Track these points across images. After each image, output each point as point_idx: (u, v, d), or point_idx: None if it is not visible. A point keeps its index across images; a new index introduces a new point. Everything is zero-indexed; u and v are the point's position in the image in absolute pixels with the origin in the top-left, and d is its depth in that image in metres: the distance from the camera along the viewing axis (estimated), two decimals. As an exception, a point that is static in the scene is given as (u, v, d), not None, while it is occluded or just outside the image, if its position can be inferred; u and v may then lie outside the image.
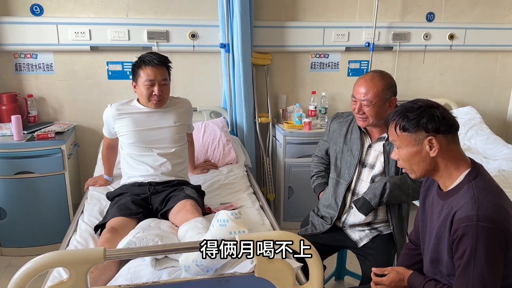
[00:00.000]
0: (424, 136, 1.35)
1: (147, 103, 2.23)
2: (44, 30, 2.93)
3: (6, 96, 2.89)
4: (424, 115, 1.34)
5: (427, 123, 1.34)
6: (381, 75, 1.90)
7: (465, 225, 1.27)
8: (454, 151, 1.37)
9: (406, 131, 1.37)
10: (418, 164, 1.39)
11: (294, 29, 3.27)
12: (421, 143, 1.36)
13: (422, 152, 1.36)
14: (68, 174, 2.82)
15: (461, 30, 3.52)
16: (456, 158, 1.37)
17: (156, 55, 2.21)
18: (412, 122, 1.35)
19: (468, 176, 1.35)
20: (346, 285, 2.60)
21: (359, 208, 1.95)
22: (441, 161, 1.37)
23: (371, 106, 1.87)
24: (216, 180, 2.61)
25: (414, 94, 3.62)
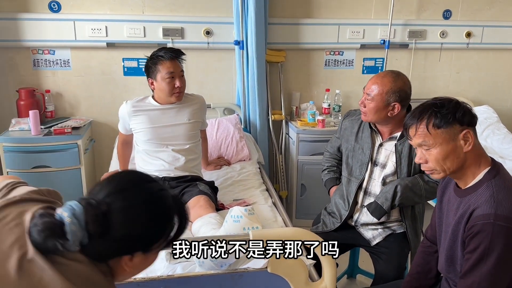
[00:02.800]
0: (458, 130, 1.32)
1: (169, 97, 2.24)
2: (62, 27, 2.98)
3: (24, 91, 2.94)
4: (457, 108, 1.32)
5: (463, 116, 1.31)
6: (395, 77, 1.87)
7: (482, 223, 1.25)
8: (479, 146, 1.36)
9: (441, 128, 1.33)
10: (452, 162, 1.35)
11: (308, 26, 3.26)
12: (455, 137, 1.33)
13: (457, 148, 1.33)
14: (84, 168, 2.87)
15: (479, 28, 3.47)
16: (480, 154, 1.36)
17: (170, 49, 2.25)
18: (447, 116, 1.32)
19: (488, 174, 1.34)
20: (358, 284, 2.60)
21: (371, 212, 1.95)
22: (470, 156, 1.35)
23: (372, 102, 1.87)
24: (229, 176, 2.63)
25: (429, 92, 3.58)
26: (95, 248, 0.90)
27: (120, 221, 0.91)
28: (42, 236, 0.86)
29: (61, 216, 0.88)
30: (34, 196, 1.00)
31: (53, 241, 0.86)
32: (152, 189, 0.98)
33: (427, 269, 1.63)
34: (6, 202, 0.96)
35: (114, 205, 0.91)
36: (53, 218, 0.88)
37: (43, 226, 0.86)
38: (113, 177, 0.98)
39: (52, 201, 1.03)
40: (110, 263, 0.95)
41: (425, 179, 1.90)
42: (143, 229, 0.95)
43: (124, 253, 0.94)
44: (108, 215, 0.90)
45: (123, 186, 0.96)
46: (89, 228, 0.88)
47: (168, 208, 0.98)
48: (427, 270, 1.63)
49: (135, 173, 1.02)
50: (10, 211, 0.94)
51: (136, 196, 0.95)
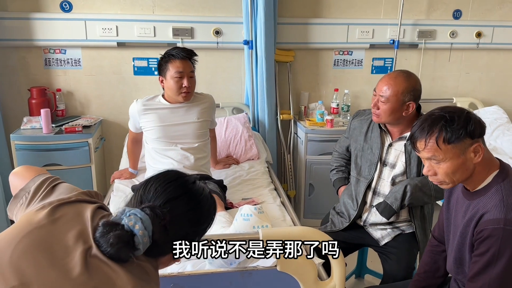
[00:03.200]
0: (469, 144, 1.29)
1: (177, 96, 2.26)
2: (73, 26, 3.01)
3: (36, 90, 2.97)
4: (468, 121, 1.28)
5: (474, 129, 1.28)
6: (407, 77, 1.87)
7: (491, 228, 1.25)
8: (487, 151, 1.35)
9: (452, 143, 1.28)
10: (462, 174, 1.33)
11: (318, 26, 3.26)
12: (466, 151, 1.30)
13: (467, 161, 1.31)
14: (94, 167, 2.90)
15: (489, 28, 3.45)
16: (488, 160, 1.35)
17: (183, 48, 2.26)
18: (459, 132, 1.27)
19: (497, 177, 1.33)
20: (366, 284, 2.60)
21: (381, 212, 1.95)
22: (479, 165, 1.33)
23: (387, 103, 1.86)
24: (237, 175, 2.64)
25: (439, 92, 3.57)
26: (153, 250, 0.99)
27: (178, 226, 1.01)
28: (115, 248, 0.92)
29: (131, 227, 0.94)
30: (85, 198, 1.06)
31: (126, 252, 0.94)
32: (199, 192, 1.08)
33: (435, 268, 1.63)
34: (63, 201, 1.02)
35: (173, 213, 1.00)
36: (122, 230, 0.94)
37: (116, 239, 0.92)
38: (164, 181, 1.05)
39: (100, 203, 1.09)
40: (159, 259, 1.05)
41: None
42: (195, 230, 1.07)
43: (173, 250, 1.05)
44: (171, 223, 0.98)
45: (177, 193, 1.04)
46: (155, 236, 0.96)
47: (213, 208, 1.11)
48: (435, 269, 1.63)
49: (181, 177, 1.09)
50: (68, 209, 1.01)
51: (189, 202, 1.05)
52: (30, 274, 0.88)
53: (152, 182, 1.06)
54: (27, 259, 0.90)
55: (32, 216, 0.99)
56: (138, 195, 1.05)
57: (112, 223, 0.95)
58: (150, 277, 1.00)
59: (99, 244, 0.93)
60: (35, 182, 1.11)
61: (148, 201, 1.02)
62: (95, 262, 0.92)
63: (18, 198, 1.09)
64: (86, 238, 0.95)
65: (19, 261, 0.89)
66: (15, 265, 0.89)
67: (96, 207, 1.04)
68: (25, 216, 1.01)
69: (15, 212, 1.09)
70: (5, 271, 0.88)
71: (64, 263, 0.91)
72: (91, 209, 1.02)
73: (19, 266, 0.89)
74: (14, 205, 1.10)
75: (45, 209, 0.99)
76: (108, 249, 0.92)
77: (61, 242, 0.94)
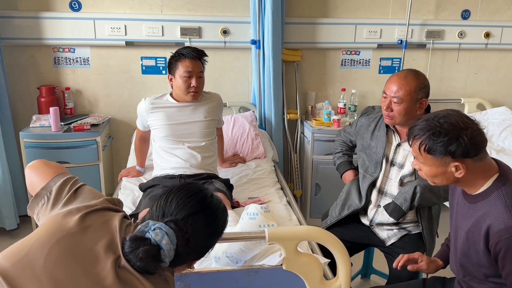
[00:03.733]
0: (450, 161, 1.28)
1: (185, 95, 2.28)
2: (82, 25, 3.03)
3: (45, 88, 3.00)
4: (452, 141, 1.25)
5: (455, 151, 1.26)
6: (416, 74, 1.87)
7: (505, 237, 1.23)
8: (482, 166, 1.31)
9: (432, 154, 1.30)
10: (441, 180, 1.35)
11: (325, 26, 3.26)
12: (446, 165, 1.30)
13: (447, 173, 1.31)
14: (102, 165, 2.92)
15: (498, 28, 3.43)
16: (483, 171, 1.32)
17: (193, 48, 2.27)
18: (439, 148, 1.27)
19: (497, 182, 1.31)
20: (372, 284, 2.60)
21: (390, 213, 1.94)
22: (467, 177, 1.32)
23: (401, 104, 1.86)
24: (244, 174, 2.65)
25: (446, 93, 3.56)
26: (175, 261, 1.04)
27: (198, 239, 1.07)
28: (144, 262, 0.97)
29: (157, 241, 0.99)
30: (110, 206, 1.11)
31: (154, 265, 0.99)
32: (216, 206, 1.13)
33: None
34: (90, 209, 1.06)
35: (195, 226, 1.05)
36: (150, 245, 0.98)
37: (145, 254, 0.97)
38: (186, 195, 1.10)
39: (123, 211, 1.14)
40: (177, 267, 1.10)
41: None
42: (212, 241, 1.15)
43: (191, 260, 1.13)
44: (192, 236, 1.03)
45: (198, 207, 1.09)
46: (179, 249, 1.01)
47: (226, 220, 1.16)
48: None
49: (201, 191, 1.14)
50: (96, 218, 1.05)
51: (208, 217, 1.10)
52: (65, 281, 0.92)
53: (173, 195, 1.10)
54: (62, 266, 0.94)
55: (61, 221, 1.02)
56: (160, 207, 1.09)
57: (140, 237, 1.00)
58: (169, 285, 1.05)
59: (129, 258, 0.98)
60: (56, 182, 1.13)
61: (170, 214, 1.06)
62: (125, 273, 0.97)
63: (40, 198, 1.11)
64: (115, 248, 1.00)
65: (53, 268, 0.93)
66: (50, 271, 0.92)
67: (122, 216, 1.09)
68: (53, 220, 1.03)
69: (37, 212, 1.11)
70: (41, 277, 0.91)
71: (97, 272, 0.95)
72: (118, 218, 1.07)
73: (53, 273, 0.92)
74: (35, 203, 1.12)
75: (73, 216, 1.03)
76: (138, 263, 0.97)
77: (92, 251, 0.98)
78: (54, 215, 1.05)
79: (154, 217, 1.08)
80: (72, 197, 1.11)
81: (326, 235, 1.41)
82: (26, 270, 0.92)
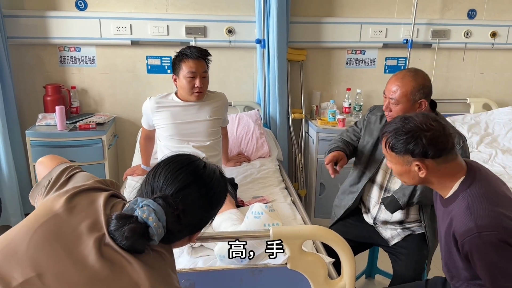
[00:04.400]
0: (411, 159, 1.34)
1: (189, 95, 2.28)
2: (88, 25, 3.05)
3: (51, 87, 3.02)
4: (411, 140, 1.32)
5: (413, 149, 1.32)
6: (414, 75, 1.85)
7: (468, 239, 1.25)
8: (447, 168, 1.35)
9: (394, 152, 1.37)
10: (409, 179, 1.41)
11: (330, 25, 3.26)
12: (409, 164, 1.36)
13: (411, 172, 1.37)
14: (107, 163, 2.94)
15: (504, 28, 3.41)
16: (449, 174, 1.36)
17: (197, 48, 2.27)
18: (400, 145, 1.34)
19: (463, 184, 1.34)
20: (376, 284, 2.59)
21: (386, 205, 1.94)
22: (432, 178, 1.37)
23: (398, 105, 1.85)
24: (248, 173, 2.65)
25: (452, 93, 3.54)
26: (168, 238, 0.99)
27: (192, 213, 1.01)
28: (131, 241, 0.93)
29: (144, 219, 0.94)
30: (99, 186, 1.08)
31: (142, 244, 0.95)
32: (210, 176, 1.07)
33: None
34: (77, 189, 1.03)
35: (186, 200, 1.00)
36: (136, 223, 0.94)
37: (130, 232, 0.93)
38: (174, 168, 1.04)
39: (114, 190, 1.10)
40: (174, 243, 1.06)
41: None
42: (208, 214, 1.07)
43: (187, 235, 1.07)
44: (184, 211, 0.98)
45: (188, 180, 1.03)
46: (169, 226, 0.96)
47: (224, 189, 1.10)
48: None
49: (191, 163, 1.08)
50: (82, 198, 1.02)
51: (201, 188, 1.04)
52: (47, 264, 0.90)
53: (161, 169, 1.05)
54: (44, 249, 0.92)
55: (49, 205, 1.00)
56: (148, 183, 1.04)
57: (126, 215, 0.95)
58: (166, 262, 1.00)
59: (114, 237, 0.94)
60: (57, 171, 1.14)
61: (159, 189, 1.01)
62: (109, 251, 0.93)
63: (40, 186, 1.12)
64: (100, 227, 0.96)
65: (35, 252, 0.91)
66: (32, 255, 0.90)
67: (109, 195, 1.05)
68: (42, 205, 1.03)
69: (36, 200, 1.12)
70: (23, 262, 0.90)
71: (79, 251, 0.92)
72: (104, 197, 1.03)
73: (35, 256, 0.90)
74: (36, 192, 1.13)
75: (61, 198, 1.01)
76: (124, 242, 0.93)
77: (75, 231, 0.95)
78: (45, 200, 1.05)
79: (144, 193, 1.04)
80: (65, 182, 1.10)
81: (331, 234, 1.41)
82: (9, 257, 0.90)
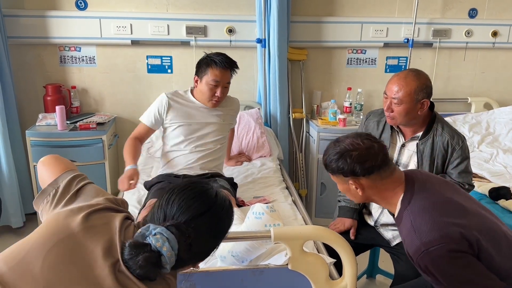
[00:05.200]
0: (344, 178, 1.38)
1: (206, 102, 2.26)
2: (88, 24, 3.04)
3: (51, 87, 3.01)
4: (339, 161, 1.36)
5: (343, 168, 1.36)
6: (416, 75, 1.85)
7: (419, 258, 1.25)
8: (384, 185, 1.37)
9: (330, 172, 1.42)
10: (352, 197, 1.44)
11: (331, 25, 3.25)
12: (346, 183, 1.39)
13: (351, 190, 1.40)
14: (108, 163, 2.93)
15: (505, 27, 3.40)
16: (388, 190, 1.38)
17: (227, 57, 2.24)
18: (333, 165, 1.38)
19: (403, 202, 1.35)
20: (377, 284, 2.59)
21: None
22: (373, 196, 1.39)
23: (401, 105, 1.84)
24: (249, 173, 2.65)
25: (453, 92, 3.53)
26: (177, 265, 1.00)
27: (203, 241, 1.03)
28: (144, 270, 0.94)
29: (158, 248, 0.95)
30: (112, 206, 1.08)
31: (154, 272, 0.96)
32: (222, 205, 1.09)
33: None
34: (92, 208, 1.03)
35: (198, 230, 1.01)
36: (150, 252, 0.95)
37: (145, 262, 0.93)
38: (188, 196, 1.05)
39: (126, 212, 1.11)
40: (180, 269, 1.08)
41: (447, 179, 1.88)
42: (218, 242, 1.09)
43: (195, 262, 1.10)
44: (195, 240, 1.00)
45: (202, 209, 1.04)
46: (180, 254, 0.97)
47: (232, 215, 1.12)
48: None
49: (204, 192, 1.09)
50: (97, 219, 1.02)
51: (213, 218, 1.05)
52: (62, 284, 0.90)
53: (175, 195, 1.05)
54: (60, 271, 0.91)
55: (62, 222, 0.99)
56: (161, 209, 1.04)
57: (139, 244, 0.96)
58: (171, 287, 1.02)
59: (128, 265, 0.95)
60: (64, 180, 1.12)
61: (172, 217, 1.01)
62: (124, 278, 0.94)
63: (45, 194, 1.10)
64: (114, 252, 0.96)
65: (50, 273, 0.91)
66: (47, 276, 0.90)
67: (124, 217, 1.05)
68: (53, 219, 1.01)
69: (41, 208, 1.10)
70: (38, 281, 0.89)
71: (95, 275, 0.92)
72: (119, 219, 1.03)
73: (50, 277, 0.90)
74: (41, 200, 1.10)
75: (75, 215, 1.00)
76: (138, 270, 0.94)
77: (92, 253, 0.95)
78: (55, 214, 1.04)
79: (156, 219, 1.04)
80: (73, 196, 1.09)
81: (332, 235, 1.41)
82: (24, 274, 0.90)
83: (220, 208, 1.08)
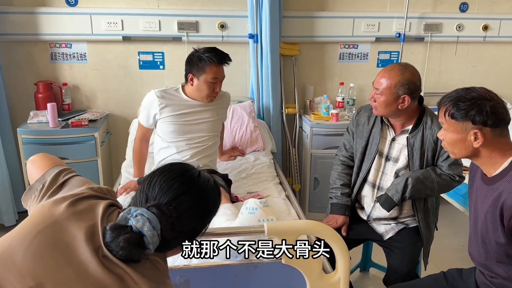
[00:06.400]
0: (470, 127, 1.36)
1: (204, 98, 2.25)
2: (78, 21, 3.01)
3: (42, 84, 2.99)
4: (474, 107, 1.35)
5: (475, 115, 1.34)
6: (402, 70, 1.85)
7: None
8: (500, 143, 1.38)
9: (454, 119, 1.39)
10: (460, 150, 1.43)
11: (323, 19, 3.25)
12: (466, 132, 1.38)
13: (466, 141, 1.39)
14: (100, 160, 2.92)
15: (496, 21, 3.42)
16: (501, 149, 1.39)
17: (221, 53, 2.22)
18: (461, 112, 1.37)
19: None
20: (371, 277, 2.61)
21: (381, 204, 1.95)
22: (484, 151, 1.39)
23: (382, 96, 1.87)
24: (243, 169, 2.65)
25: (445, 86, 3.55)
26: (162, 246, 0.99)
27: (186, 221, 1.02)
28: (127, 251, 0.93)
29: (139, 228, 0.94)
30: (96, 194, 1.07)
31: (137, 253, 0.95)
32: (204, 185, 1.07)
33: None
34: (76, 197, 1.03)
35: (180, 209, 1.00)
36: (131, 232, 0.94)
37: (126, 243, 0.93)
38: (169, 177, 1.04)
39: (112, 199, 1.10)
40: (167, 251, 1.06)
41: (438, 171, 1.89)
42: (202, 223, 1.08)
43: (181, 243, 1.07)
44: (178, 220, 0.99)
45: (183, 189, 1.03)
46: (164, 234, 0.97)
47: (218, 198, 1.11)
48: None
49: (186, 172, 1.08)
50: (81, 206, 1.01)
51: (195, 197, 1.04)
52: (46, 272, 0.89)
53: (156, 177, 1.05)
54: (43, 257, 0.91)
55: (46, 212, 0.99)
56: (143, 192, 1.04)
57: (120, 226, 0.95)
58: (161, 272, 1.01)
59: (110, 248, 0.94)
60: (51, 174, 1.12)
61: (154, 198, 1.01)
62: (108, 263, 0.94)
63: (33, 190, 1.10)
64: (97, 237, 0.96)
65: (34, 260, 0.90)
66: (31, 264, 0.90)
67: (108, 204, 1.04)
68: (38, 211, 1.01)
69: (29, 204, 1.10)
70: (22, 270, 0.89)
71: (79, 260, 0.92)
72: (103, 205, 1.03)
73: (34, 265, 0.90)
74: (28, 196, 1.11)
75: (59, 205, 1.00)
76: (120, 252, 0.93)
77: (74, 239, 0.94)
78: (40, 205, 1.03)
79: (138, 202, 1.03)
80: (58, 188, 1.09)
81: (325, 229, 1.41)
82: (7, 264, 0.89)
83: (202, 187, 1.07)
